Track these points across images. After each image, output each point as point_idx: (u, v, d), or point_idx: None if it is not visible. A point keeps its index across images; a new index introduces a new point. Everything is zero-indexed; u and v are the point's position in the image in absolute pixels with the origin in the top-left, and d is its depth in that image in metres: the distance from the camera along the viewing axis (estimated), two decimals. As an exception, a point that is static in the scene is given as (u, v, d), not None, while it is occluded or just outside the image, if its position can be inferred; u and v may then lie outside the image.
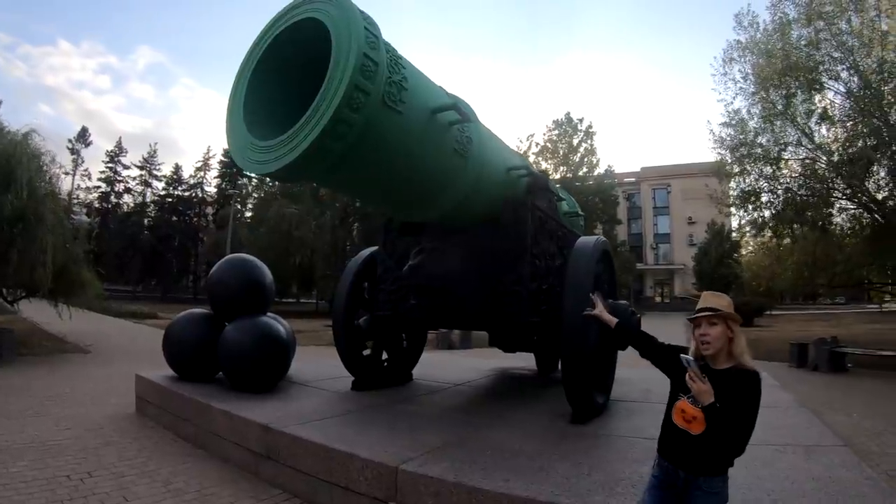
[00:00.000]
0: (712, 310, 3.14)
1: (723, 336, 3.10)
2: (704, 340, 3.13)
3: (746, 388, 2.97)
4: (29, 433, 7.61)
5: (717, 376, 3.04)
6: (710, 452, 3.01)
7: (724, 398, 2.93)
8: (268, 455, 6.10)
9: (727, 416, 2.90)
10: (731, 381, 3.01)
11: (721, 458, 3.05)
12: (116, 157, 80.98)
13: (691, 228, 73.76)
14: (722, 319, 3.12)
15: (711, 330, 3.12)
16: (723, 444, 2.99)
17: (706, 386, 2.96)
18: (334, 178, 5.51)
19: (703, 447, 3.01)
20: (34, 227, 15.64)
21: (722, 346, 3.11)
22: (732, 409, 2.91)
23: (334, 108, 4.13)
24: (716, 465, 3.05)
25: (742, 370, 3.04)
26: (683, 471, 3.10)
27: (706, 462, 3.04)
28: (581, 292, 6.46)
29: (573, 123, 66.31)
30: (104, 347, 19.35)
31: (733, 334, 3.12)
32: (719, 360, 3.12)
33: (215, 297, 9.48)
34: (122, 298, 49.34)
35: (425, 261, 6.96)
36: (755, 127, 22.59)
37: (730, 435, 2.95)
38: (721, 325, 3.11)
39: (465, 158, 5.98)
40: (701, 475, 3.04)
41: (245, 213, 69.39)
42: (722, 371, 3.08)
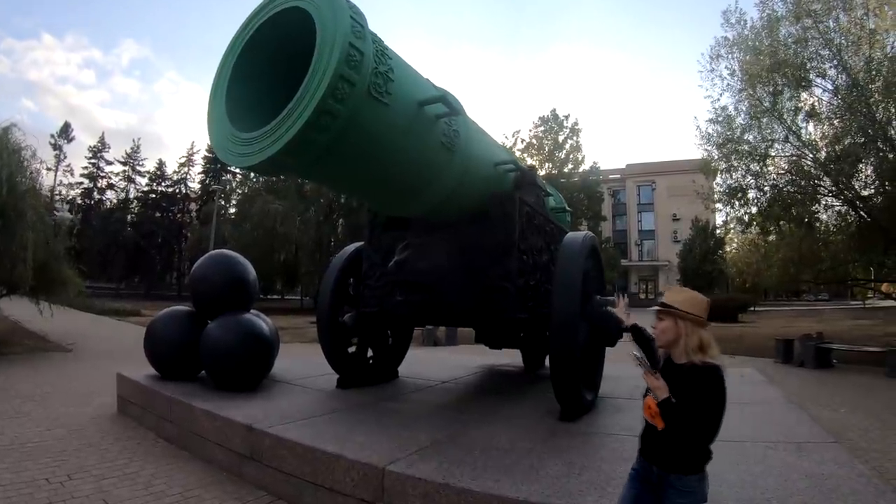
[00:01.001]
0: (664, 305, 3.19)
1: (670, 331, 3.13)
2: (657, 332, 3.21)
3: (703, 382, 2.95)
4: (8, 435, 7.49)
5: (677, 371, 3.08)
6: (675, 449, 3.01)
7: (682, 393, 2.94)
8: (251, 456, 5.98)
9: (682, 411, 2.90)
10: (689, 375, 3.01)
11: (688, 455, 3.02)
12: (99, 152, 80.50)
13: (676, 225, 73.93)
14: (670, 315, 3.15)
15: (660, 323, 3.18)
16: (682, 440, 2.98)
17: (659, 381, 3.00)
18: (318, 171, 5.38)
19: (668, 443, 3.01)
20: (14, 223, 15.42)
21: (671, 340, 3.14)
22: (688, 404, 2.90)
23: (318, 98, 4.04)
24: (685, 462, 3.03)
25: (700, 366, 3.02)
26: (656, 466, 3.10)
27: (674, 458, 3.03)
28: (570, 288, 6.47)
29: (559, 120, 66.36)
30: (87, 346, 19.20)
31: (682, 331, 3.12)
32: (677, 355, 3.14)
33: (197, 294, 9.34)
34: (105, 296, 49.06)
35: (411, 256, 6.85)
36: (742, 123, 22.65)
37: (687, 430, 2.94)
38: (668, 320, 3.15)
39: (452, 152, 5.90)
40: (672, 472, 3.03)
41: (229, 209, 69.09)
42: (680, 366, 3.10)
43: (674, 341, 3.13)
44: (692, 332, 3.10)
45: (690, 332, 3.10)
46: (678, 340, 3.11)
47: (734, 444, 5.64)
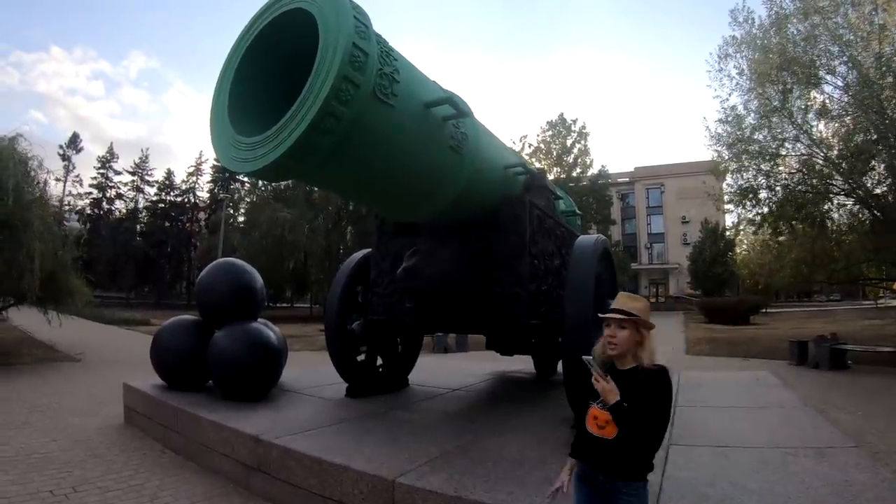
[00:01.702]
0: (626, 313, 3.12)
1: (630, 340, 3.10)
2: (612, 342, 3.12)
3: (654, 383, 2.96)
4: (14, 445, 7.43)
5: (623, 376, 3.06)
6: (627, 456, 2.99)
7: (632, 396, 2.92)
8: (259, 467, 5.89)
9: (635, 414, 2.88)
10: (638, 378, 3.01)
11: (639, 460, 3.03)
12: (108, 162, 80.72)
13: (685, 228, 73.75)
14: (633, 324, 3.11)
15: (620, 332, 3.11)
16: (637, 444, 2.96)
17: (610, 385, 2.95)
18: (323, 175, 5.27)
19: (619, 451, 2.97)
20: (20, 233, 15.47)
21: (628, 349, 3.11)
22: (640, 407, 2.89)
23: (322, 100, 3.94)
24: (634, 469, 3.02)
25: (647, 367, 3.04)
26: (602, 474, 3.07)
27: (624, 466, 3.01)
28: (583, 293, 6.36)
29: (567, 124, 66.49)
30: (95, 355, 19.16)
31: (642, 339, 3.13)
32: (625, 361, 3.12)
33: (204, 303, 9.27)
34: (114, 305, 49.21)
35: (420, 262, 6.71)
36: (752, 123, 22.45)
37: (641, 433, 2.92)
38: (630, 329, 3.11)
39: (460, 155, 5.80)
40: (620, 479, 3.01)
41: (238, 217, 69.26)
42: (627, 371, 3.09)
43: (631, 349, 3.11)
44: (650, 340, 3.14)
45: (650, 339, 3.14)
46: (636, 348, 3.10)
47: (753, 451, 5.64)
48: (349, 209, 54.73)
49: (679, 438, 6.09)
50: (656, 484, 4.52)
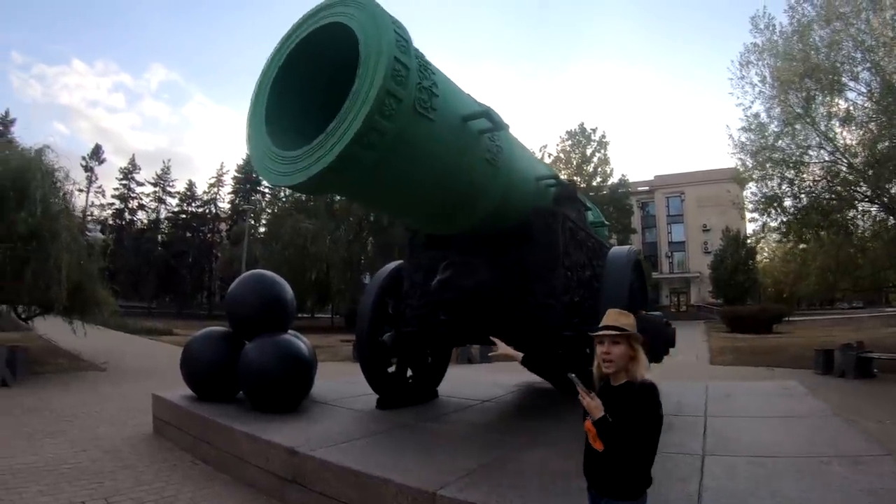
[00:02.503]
0: (618, 329, 3.17)
1: (625, 355, 3.15)
2: (607, 359, 3.17)
3: (641, 400, 3.01)
4: (44, 455, 7.47)
5: (615, 392, 3.12)
6: (612, 472, 3.05)
7: (621, 412, 2.96)
8: (294, 480, 5.87)
9: (620, 430, 2.93)
10: (628, 394, 3.06)
11: (623, 479, 3.06)
12: (130, 174, 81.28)
13: (706, 236, 73.16)
14: (625, 339, 3.16)
15: (615, 349, 3.15)
16: (622, 459, 3.01)
17: (595, 401, 3.01)
18: (363, 189, 5.29)
19: (606, 466, 3.06)
20: (48, 244, 15.63)
21: (624, 364, 3.15)
22: (626, 423, 2.94)
23: (365, 115, 3.95)
24: (618, 487, 3.07)
25: (637, 384, 3.08)
26: (594, 489, 3.20)
27: (609, 482, 3.09)
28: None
29: (586, 133, 66.49)
30: (120, 365, 19.28)
31: (635, 353, 3.17)
32: (618, 377, 3.17)
33: (234, 315, 9.28)
34: (136, 315, 49.39)
35: (454, 275, 6.67)
36: (775, 131, 22.27)
37: (625, 449, 2.98)
38: (624, 344, 3.16)
39: (495, 167, 5.81)
40: (605, 495, 3.11)
41: (259, 228, 69.51)
42: (619, 386, 3.14)
43: (625, 365, 3.15)
44: (642, 354, 3.18)
45: (641, 354, 3.18)
46: (629, 363, 3.15)
47: (789, 460, 5.60)
48: (370, 220, 54.88)
49: (715, 449, 6.05)
50: (695, 496, 4.57)
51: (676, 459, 5.66)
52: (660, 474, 5.08)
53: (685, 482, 4.90)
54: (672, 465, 5.41)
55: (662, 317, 7.89)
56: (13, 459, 7.20)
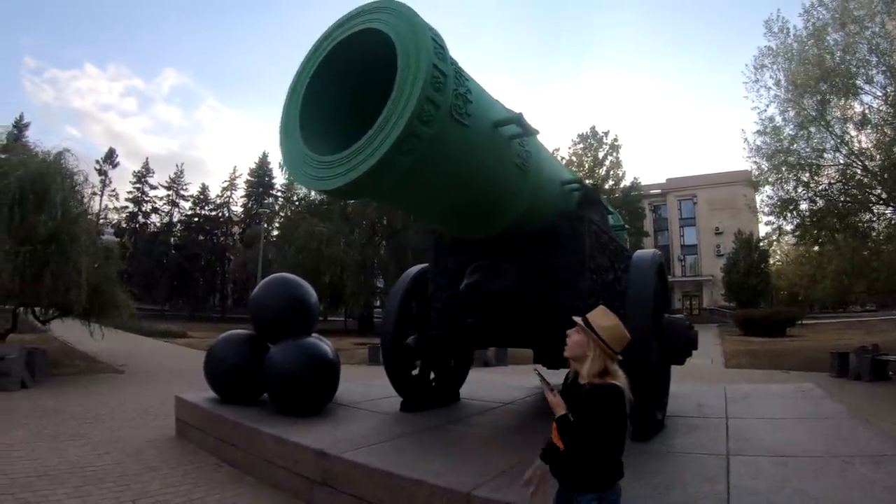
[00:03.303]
0: (585, 322, 3.24)
1: (579, 346, 3.22)
2: (567, 343, 3.29)
3: (600, 401, 3.05)
4: (68, 458, 7.49)
5: (580, 390, 3.18)
6: (575, 466, 3.13)
7: (582, 411, 3.06)
8: (324, 482, 5.88)
9: (577, 429, 3.03)
10: (588, 394, 3.11)
11: (587, 474, 3.13)
12: (143, 177, 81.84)
13: (718, 239, 72.86)
14: (585, 334, 3.22)
15: (574, 335, 3.27)
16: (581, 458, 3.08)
17: (557, 399, 3.14)
18: (398, 194, 5.33)
19: (569, 461, 3.13)
20: (68, 246, 15.74)
21: (577, 354, 3.23)
22: (584, 422, 3.02)
23: (406, 120, 3.98)
24: (583, 481, 3.14)
25: (599, 386, 3.11)
26: (560, 484, 3.26)
27: (573, 477, 3.16)
28: (644, 308, 6.40)
29: (598, 137, 66.32)
30: (137, 367, 19.43)
31: (592, 355, 3.18)
32: (584, 375, 3.20)
33: (258, 318, 9.27)
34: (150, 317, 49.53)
35: (483, 278, 6.69)
36: (790, 134, 22.21)
37: (583, 446, 3.05)
38: (583, 337, 3.22)
39: (525, 172, 5.84)
40: (572, 490, 3.17)
41: (272, 231, 69.66)
42: (584, 385, 3.18)
43: (580, 357, 3.22)
44: (598, 359, 3.17)
45: (596, 358, 3.17)
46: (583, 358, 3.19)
47: (811, 459, 5.64)
48: (383, 224, 54.95)
49: (739, 449, 6.05)
50: (723, 494, 4.61)
51: (702, 460, 5.74)
52: (688, 474, 5.24)
53: (713, 482, 4.93)
54: (699, 466, 5.51)
55: (685, 320, 7.87)
56: (37, 462, 7.22)
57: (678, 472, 5.41)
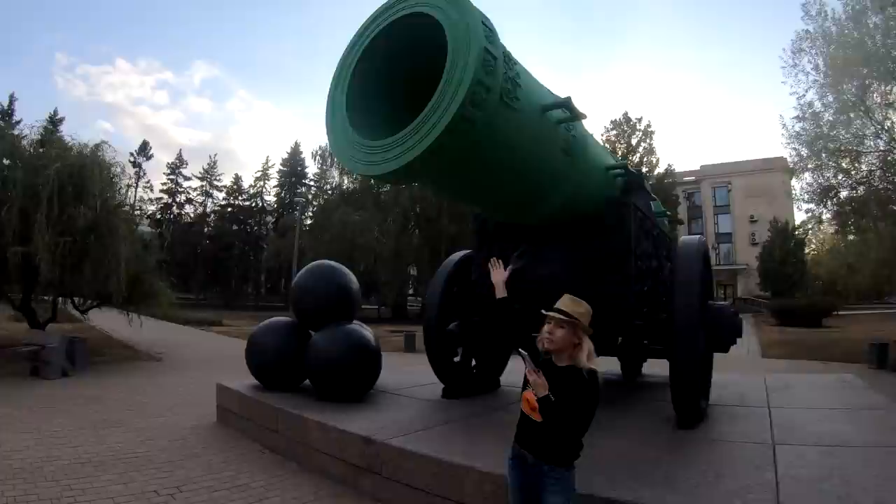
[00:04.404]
0: (566, 314, 3.38)
1: (566, 340, 3.36)
2: (549, 338, 3.38)
3: (581, 384, 3.22)
4: (110, 444, 7.58)
5: (558, 372, 3.31)
6: (550, 441, 3.30)
7: (561, 392, 3.16)
8: (369, 468, 5.91)
9: (559, 409, 3.13)
10: (569, 377, 3.26)
11: (561, 448, 3.34)
12: (177, 168, 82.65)
13: (753, 227, 71.80)
14: (571, 325, 3.37)
15: (557, 331, 3.37)
16: (558, 434, 3.26)
17: (541, 380, 3.18)
18: (447, 179, 5.27)
19: (544, 435, 3.30)
20: (106, 237, 15.94)
21: (563, 347, 3.36)
22: (565, 403, 3.14)
23: (458, 104, 3.94)
24: (558, 454, 3.33)
25: (579, 369, 3.28)
26: (531, 455, 3.39)
27: (548, 449, 3.33)
28: (692, 292, 6.38)
29: (631, 123, 65.63)
30: (175, 355, 19.66)
31: (580, 341, 3.38)
32: (561, 358, 3.37)
33: (300, 305, 9.29)
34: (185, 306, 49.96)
35: (529, 264, 6.64)
36: (830, 119, 21.79)
37: (563, 426, 3.21)
38: (568, 329, 3.36)
39: (571, 157, 5.79)
40: (545, 462, 3.33)
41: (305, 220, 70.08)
42: (562, 368, 3.34)
43: (567, 349, 3.36)
44: (587, 342, 3.39)
45: (586, 342, 3.39)
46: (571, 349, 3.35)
47: (856, 449, 5.62)
48: (416, 212, 55.05)
49: (785, 439, 6.00)
50: (772, 482, 4.60)
51: (749, 448, 5.71)
52: (736, 462, 5.23)
53: (760, 470, 4.93)
54: (745, 454, 5.49)
55: (730, 307, 7.77)
56: (80, 448, 7.30)
57: (726, 460, 5.39)
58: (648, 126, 65.67)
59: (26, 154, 16.93)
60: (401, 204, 54.08)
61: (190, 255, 74.13)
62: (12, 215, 14.60)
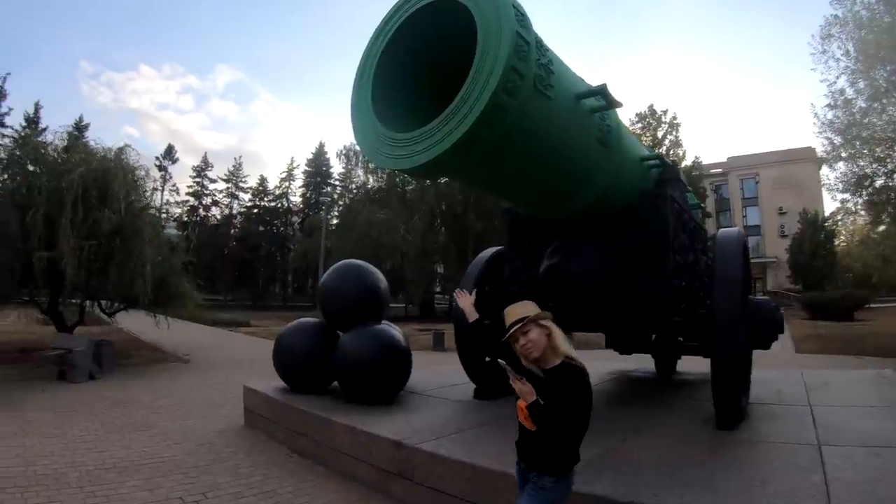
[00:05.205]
0: (520, 319, 3.25)
1: (541, 336, 3.22)
2: (527, 347, 3.22)
3: (571, 385, 3.12)
4: (136, 449, 7.53)
5: (548, 375, 3.19)
6: (542, 449, 3.21)
7: (552, 396, 3.04)
8: (400, 473, 5.75)
9: (550, 414, 3.01)
10: (559, 378, 3.15)
11: (550, 457, 3.22)
12: (203, 171, 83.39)
13: (783, 219, 71.16)
14: (532, 323, 3.24)
15: (530, 335, 3.22)
16: (551, 441, 3.15)
17: (527, 386, 3.05)
18: (480, 171, 5.06)
19: (536, 443, 3.21)
20: (131, 240, 16.00)
21: (543, 347, 3.22)
22: (556, 407, 3.02)
23: (491, 91, 3.75)
24: (545, 463, 3.23)
25: (568, 366, 3.18)
26: (523, 462, 3.37)
27: (537, 458, 3.26)
28: (732, 288, 6.18)
29: (657, 116, 65.21)
30: (202, 357, 19.68)
31: (549, 330, 3.25)
32: (547, 360, 3.23)
33: (328, 306, 9.15)
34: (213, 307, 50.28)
35: (564, 260, 6.45)
36: (862, 106, 21.37)
37: (556, 431, 3.10)
38: (535, 330, 3.23)
39: (607, 148, 5.57)
40: (533, 469, 3.27)
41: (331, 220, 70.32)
42: (551, 369, 3.21)
43: (545, 348, 3.22)
44: (555, 329, 3.27)
45: (554, 329, 3.26)
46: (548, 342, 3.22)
47: None
48: (443, 209, 54.98)
49: (830, 439, 5.78)
50: (821, 486, 4.44)
51: (794, 449, 5.50)
52: (780, 464, 5.01)
53: (808, 472, 4.74)
54: (791, 456, 5.28)
55: (770, 302, 7.53)
56: (105, 453, 7.24)
57: (771, 462, 5.17)
58: (674, 118, 65.34)
59: (50, 160, 17.04)
60: (427, 201, 54.14)
61: (217, 256, 74.79)
62: (37, 220, 14.67)
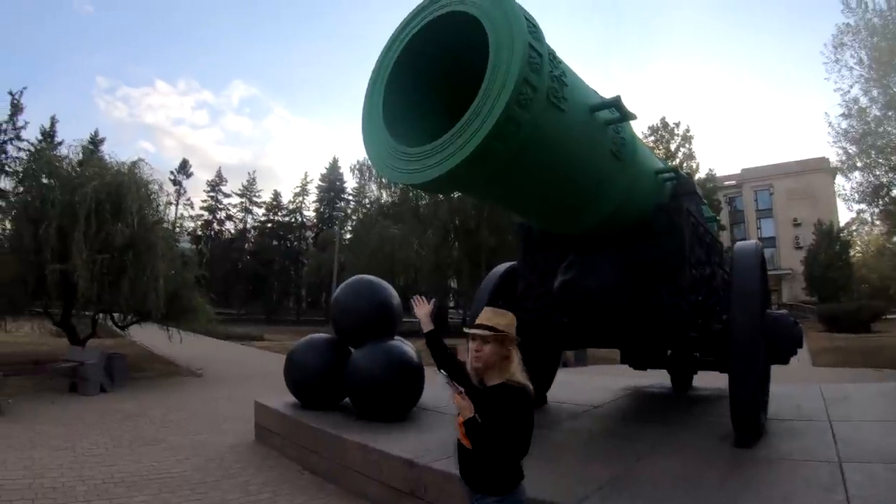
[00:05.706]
0: (491, 329, 3.22)
1: (495, 354, 3.20)
2: (476, 356, 3.22)
3: (511, 403, 3.08)
4: (146, 463, 7.50)
5: (488, 392, 3.17)
6: (481, 468, 3.17)
7: (490, 413, 3.02)
8: (412, 492, 5.67)
9: (487, 431, 2.99)
10: (499, 396, 3.11)
11: (492, 476, 3.16)
12: (217, 186, 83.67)
13: (797, 231, 70.82)
14: (497, 340, 3.21)
15: (485, 347, 3.21)
16: (489, 460, 3.11)
17: (466, 402, 3.05)
18: (492, 186, 4.97)
19: (475, 462, 3.18)
20: (144, 254, 16.12)
21: (493, 363, 3.20)
22: (494, 424, 2.99)
23: (503, 104, 3.66)
24: (487, 482, 3.17)
25: (510, 386, 3.14)
26: (465, 483, 3.28)
27: (479, 477, 3.20)
28: (751, 302, 6.09)
29: (669, 128, 64.90)
30: (215, 371, 19.72)
31: (508, 353, 3.22)
32: (491, 377, 3.22)
33: (340, 322, 9.10)
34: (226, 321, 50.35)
35: (579, 275, 6.34)
36: (877, 115, 21.25)
37: (493, 450, 3.05)
38: (495, 344, 3.20)
39: (621, 161, 5.47)
40: (476, 490, 3.20)
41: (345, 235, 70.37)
42: (492, 387, 3.19)
43: (496, 364, 3.20)
44: (515, 354, 3.24)
45: (515, 354, 3.24)
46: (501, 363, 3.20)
47: None
48: (456, 224, 54.91)
49: (851, 456, 5.67)
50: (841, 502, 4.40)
51: (814, 467, 5.39)
52: (801, 483, 4.92)
53: (830, 492, 4.65)
54: (811, 474, 5.18)
55: (789, 316, 7.41)
56: (114, 467, 7.23)
57: (790, 482, 5.07)
58: (687, 131, 64.96)
59: (64, 173, 17.20)
60: (440, 216, 54.03)
61: (231, 270, 75.08)
62: (51, 233, 14.88)
